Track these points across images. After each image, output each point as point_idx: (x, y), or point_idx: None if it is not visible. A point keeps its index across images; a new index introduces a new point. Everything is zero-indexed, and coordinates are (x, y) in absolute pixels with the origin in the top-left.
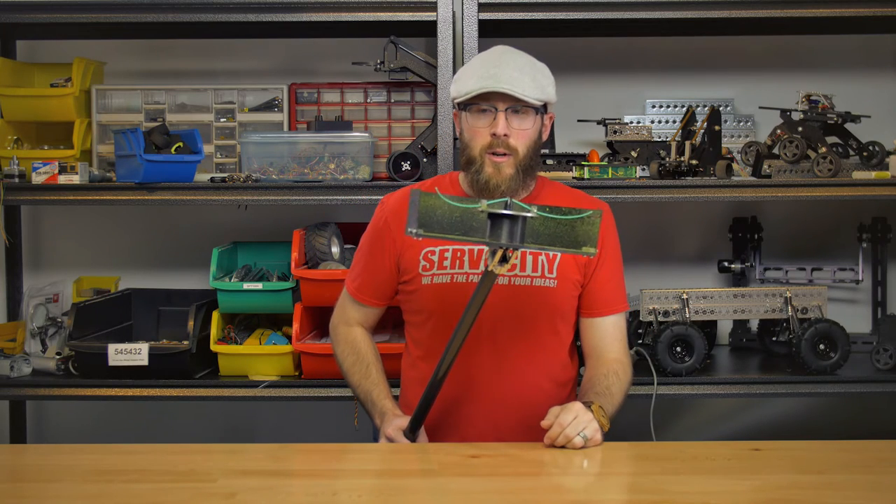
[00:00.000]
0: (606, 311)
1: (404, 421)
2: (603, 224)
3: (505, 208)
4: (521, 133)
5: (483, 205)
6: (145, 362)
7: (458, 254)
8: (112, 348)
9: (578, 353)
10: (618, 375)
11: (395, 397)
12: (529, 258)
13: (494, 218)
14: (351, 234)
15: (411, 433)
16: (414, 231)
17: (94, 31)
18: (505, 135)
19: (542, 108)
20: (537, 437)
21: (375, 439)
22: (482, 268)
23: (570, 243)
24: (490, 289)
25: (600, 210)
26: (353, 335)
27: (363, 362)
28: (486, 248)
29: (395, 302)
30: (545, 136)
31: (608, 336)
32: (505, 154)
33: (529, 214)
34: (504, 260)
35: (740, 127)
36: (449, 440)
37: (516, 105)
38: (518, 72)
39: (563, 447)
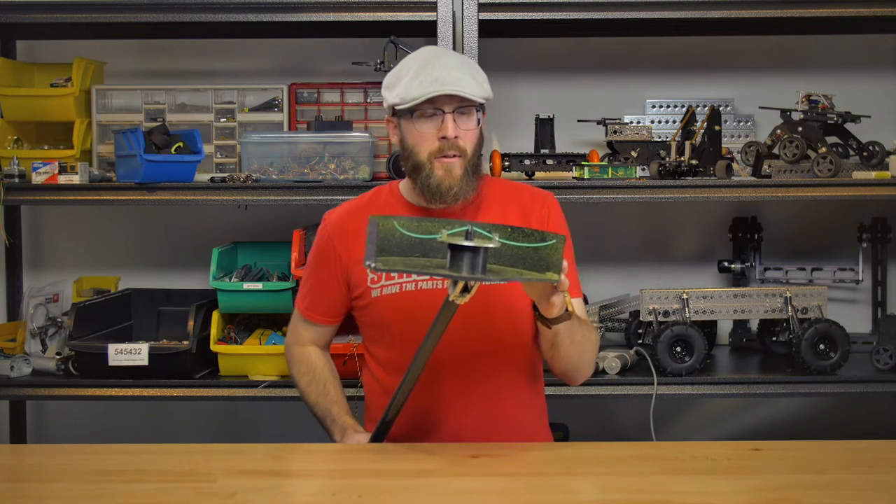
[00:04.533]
0: None
1: (365, 437)
2: (547, 212)
3: (466, 237)
4: (468, 133)
5: (443, 234)
6: (145, 362)
7: None
8: (112, 348)
9: None
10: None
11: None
12: None
13: (455, 249)
14: None
15: None
16: (373, 265)
17: (94, 31)
18: (455, 137)
19: (481, 107)
20: (505, 440)
21: None
22: (431, 285)
23: (533, 267)
24: (450, 318)
25: (563, 236)
26: (306, 354)
27: (320, 381)
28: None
29: (352, 318)
30: (484, 135)
31: None
32: (455, 156)
33: (492, 245)
34: (466, 290)
35: (740, 127)
36: None
37: (461, 106)
38: (459, 72)
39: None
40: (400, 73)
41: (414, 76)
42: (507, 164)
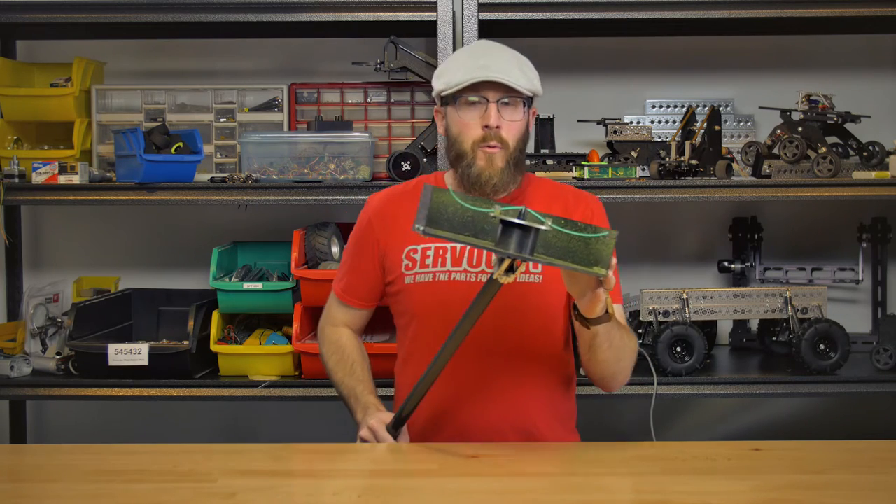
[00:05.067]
0: None
1: (387, 416)
2: (591, 213)
3: (519, 217)
4: (512, 125)
5: (497, 210)
6: (145, 362)
7: (441, 252)
8: (112, 348)
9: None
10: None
11: (384, 398)
12: None
13: (506, 225)
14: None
15: (394, 429)
16: (421, 228)
17: (94, 31)
18: (497, 126)
19: (529, 101)
20: (530, 441)
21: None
22: (464, 266)
23: (581, 260)
24: (492, 297)
25: (616, 231)
26: (337, 335)
27: (347, 360)
28: (493, 256)
29: (386, 305)
30: (531, 131)
31: None
32: (497, 146)
33: (543, 227)
34: (511, 270)
35: (740, 127)
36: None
37: (507, 96)
38: (507, 63)
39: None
40: (450, 62)
41: (461, 64)
42: None
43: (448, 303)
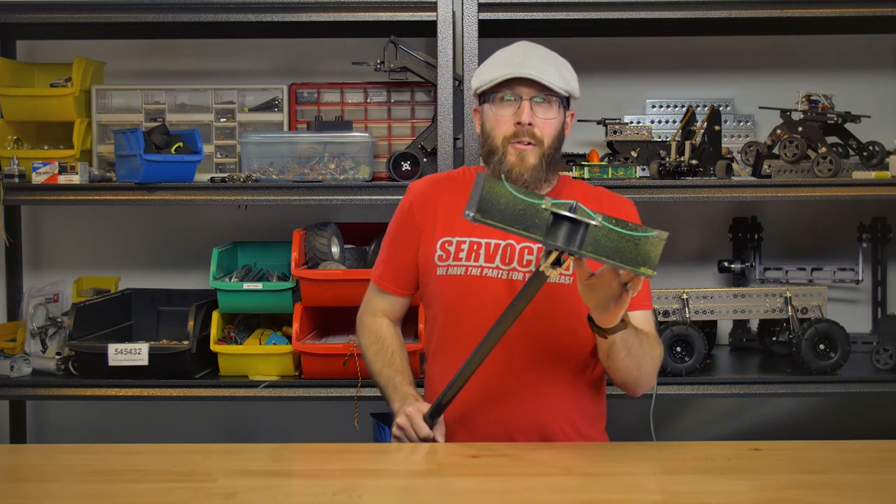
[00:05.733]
0: (630, 308)
1: (424, 406)
2: (626, 218)
3: (570, 210)
4: (546, 123)
5: (548, 202)
6: (145, 362)
7: (475, 246)
8: (112, 348)
9: None
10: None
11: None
12: None
13: (557, 218)
14: (351, 234)
15: (430, 419)
16: (472, 214)
17: (94, 31)
18: (530, 124)
19: (566, 102)
20: (554, 440)
21: (388, 434)
22: (497, 262)
23: (629, 260)
24: (538, 290)
25: (667, 232)
26: (377, 325)
27: (387, 351)
28: (542, 248)
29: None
30: (567, 133)
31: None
32: (529, 143)
33: (594, 222)
34: (557, 263)
35: (740, 127)
36: (461, 441)
37: (541, 94)
38: (543, 62)
39: None
40: (489, 61)
41: (498, 62)
42: None
43: (478, 298)
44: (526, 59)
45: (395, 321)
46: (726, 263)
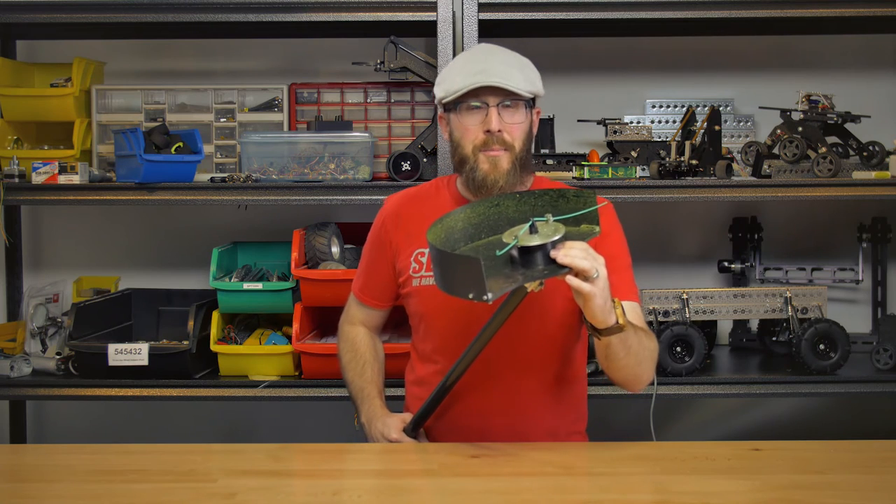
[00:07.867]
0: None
1: (399, 423)
2: (604, 219)
3: (531, 231)
4: (514, 127)
5: (511, 238)
6: (145, 362)
7: None
8: (112, 348)
9: (591, 352)
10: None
11: (394, 398)
12: None
13: (526, 251)
14: (351, 234)
15: (413, 431)
16: (489, 297)
17: (94, 31)
18: (499, 130)
19: (531, 102)
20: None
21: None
22: None
23: (577, 236)
24: (518, 304)
25: (594, 192)
26: (353, 333)
27: (360, 360)
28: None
29: (401, 305)
30: (535, 131)
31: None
32: (500, 149)
33: (557, 237)
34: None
35: (740, 127)
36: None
37: (507, 99)
38: (506, 66)
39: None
40: (449, 68)
41: (460, 69)
42: None
43: (453, 306)
44: (489, 65)
45: (374, 329)
46: (726, 263)
